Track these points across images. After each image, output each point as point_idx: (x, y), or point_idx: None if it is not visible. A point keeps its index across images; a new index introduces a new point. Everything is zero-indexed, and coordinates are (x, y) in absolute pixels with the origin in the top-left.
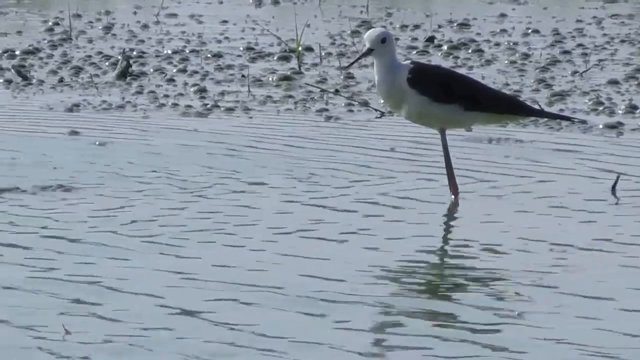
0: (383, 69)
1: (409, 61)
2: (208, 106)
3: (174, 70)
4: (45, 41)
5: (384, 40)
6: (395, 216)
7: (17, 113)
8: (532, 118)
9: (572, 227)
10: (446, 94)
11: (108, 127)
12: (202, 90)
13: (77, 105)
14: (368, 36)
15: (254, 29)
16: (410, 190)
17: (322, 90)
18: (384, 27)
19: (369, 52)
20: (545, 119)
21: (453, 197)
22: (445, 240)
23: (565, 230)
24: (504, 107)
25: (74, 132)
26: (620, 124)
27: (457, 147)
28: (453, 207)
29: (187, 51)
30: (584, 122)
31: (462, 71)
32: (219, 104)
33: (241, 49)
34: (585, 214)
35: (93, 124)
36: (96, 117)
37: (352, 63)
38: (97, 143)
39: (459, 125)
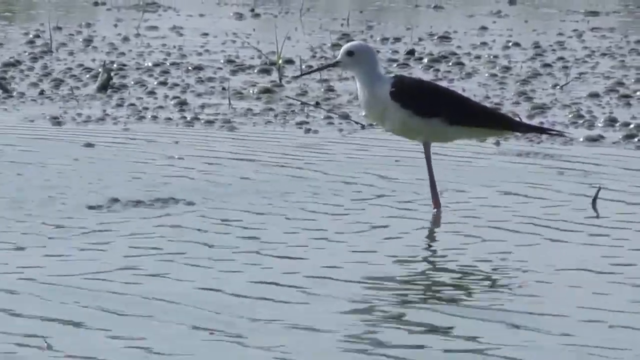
0: (363, 82)
1: (392, 74)
2: (188, 119)
3: (155, 83)
4: (26, 53)
5: (350, 53)
6: (378, 227)
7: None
8: (515, 132)
9: (552, 239)
10: (429, 107)
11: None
12: (182, 103)
13: (55, 117)
14: (342, 48)
15: (234, 41)
16: (392, 204)
17: (303, 103)
18: (364, 40)
19: (335, 64)
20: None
21: (435, 210)
22: (423, 253)
23: (544, 243)
24: (488, 121)
25: (89, 145)
26: (601, 136)
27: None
28: (435, 221)
29: (168, 64)
30: (564, 135)
31: (443, 84)
32: (199, 116)
33: (222, 61)
34: (567, 225)
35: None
36: (109, 129)
37: (310, 72)
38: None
39: (442, 139)
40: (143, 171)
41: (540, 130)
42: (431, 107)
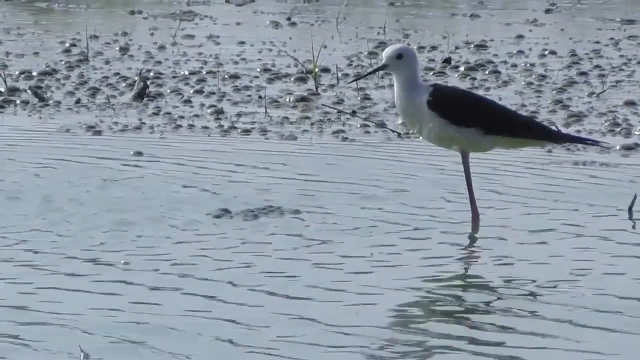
0: (401, 87)
1: (429, 82)
2: (225, 127)
3: (191, 91)
4: (62, 62)
5: (399, 56)
6: (415, 237)
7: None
8: (552, 142)
9: (589, 247)
10: (465, 117)
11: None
12: (219, 112)
13: (91, 126)
14: (385, 51)
15: (271, 50)
16: (431, 212)
17: (339, 111)
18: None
19: (383, 67)
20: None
21: (473, 221)
22: (464, 263)
23: (582, 251)
24: (524, 131)
25: (138, 153)
26: (637, 145)
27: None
28: (474, 231)
29: (204, 72)
30: (601, 145)
31: (479, 92)
32: (236, 125)
33: (258, 70)
34: (603, 233)
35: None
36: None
37: (361, 77)
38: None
39: (479, 148)
40: (231, 180)
41: (577, 140)
42: (467, 116)
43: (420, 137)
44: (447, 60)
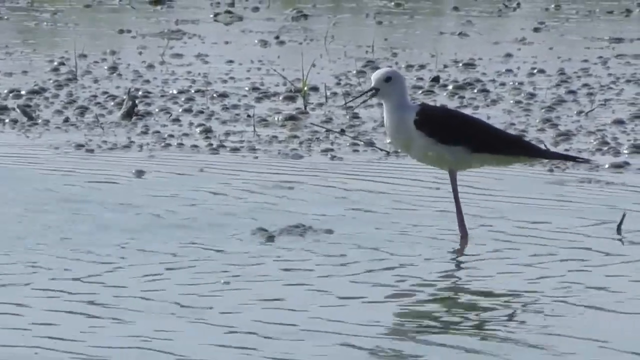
0: (390, 109)
1: (417, 102)
2: (214, 146)
3: (180, 110)
4: (51, 81)
5: (388, 79)
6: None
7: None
8: (540, 159)
9: (577, 266)
10: (452, 135)
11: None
12: (207, 130)
13: (81, 145)
14: (374, 75)
15: (259, 68)
16: (419, 230)
17: (328, 130)
18: (390, 67)
19: (372, 90)
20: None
21: (461, 239)
22: (452, 278)
23: (571, 269)
24: (511, 148)
25: (140, 172)
26: (627, 163)
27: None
28: (461, 249)
29: (193, 91)
30: (589, 161)
31: (468, 111)
32: (225, 144)
33: (247, 88)
34: (591, 253)
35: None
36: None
37: (355, 101)
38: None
39: (467, 166)
40: (260, 201)
41: (564, 157)
42: (454, 135)
43: (409, 157)
44: (436, 79)
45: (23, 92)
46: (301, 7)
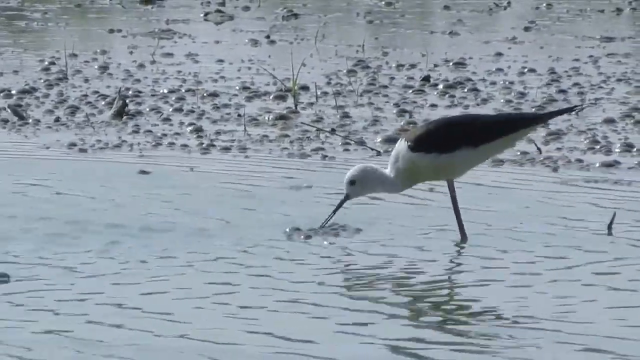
0: (384, 190)
1: (408, 101)
2: (205, 145)
3: (170, 110)
4: (42, 80)
5: (352, 182)
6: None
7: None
8: (538, 124)
9: (568, 265)
10: (449, 142)
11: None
12: (198, 130)
13: (72, 144)
14: (344, 182)
15: (250, 68)
16: (419, 235)
17: (318, 130)
18: (378, 66)
19: (346, 197)
20: (547, 122)
21: (462, 244)
22: (449, 287)
23: (561, 268)
24: (506, 129)
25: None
26: (617, 162)
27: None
28: (461, 252)
29: (183, 90)
30: (582, 108)
31: (458, 110)
32: (215, 143)
33: (237, 88)
34: (582, 252)
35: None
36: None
37: (329, 219)
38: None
39: (478, 162)
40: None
41: (559, 113)
42: (451, 140)
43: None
44: (426, 78)
45: (14, 92)
46: (292, 6)
